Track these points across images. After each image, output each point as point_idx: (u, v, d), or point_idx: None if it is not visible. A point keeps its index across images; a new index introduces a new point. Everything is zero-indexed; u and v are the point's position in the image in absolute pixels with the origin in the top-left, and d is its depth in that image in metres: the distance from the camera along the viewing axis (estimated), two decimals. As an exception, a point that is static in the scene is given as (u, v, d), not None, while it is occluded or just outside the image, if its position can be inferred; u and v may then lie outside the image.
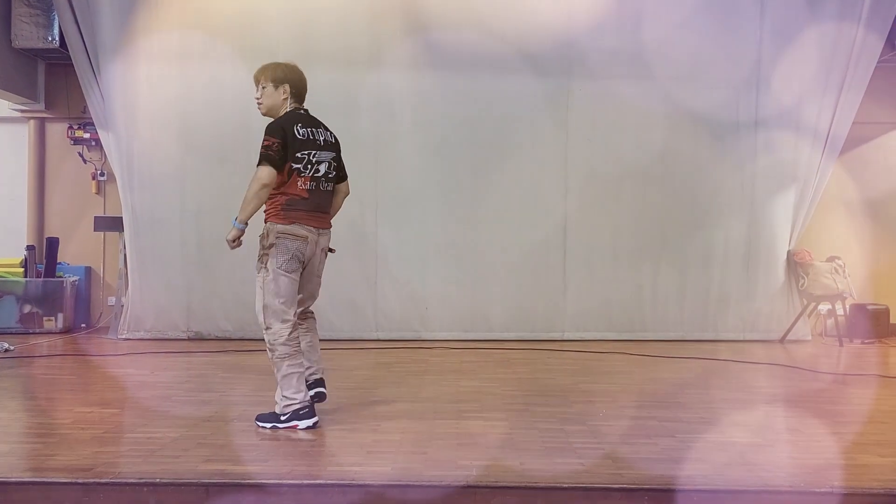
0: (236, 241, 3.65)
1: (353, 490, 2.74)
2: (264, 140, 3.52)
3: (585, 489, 2.72)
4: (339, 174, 3.80)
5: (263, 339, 3.58)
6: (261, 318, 3.57)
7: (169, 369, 5.15)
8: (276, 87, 3.64)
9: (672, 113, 6.52)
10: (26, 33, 6.42)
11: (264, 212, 3.65)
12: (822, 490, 2.69)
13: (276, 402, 3.54)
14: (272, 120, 3.62)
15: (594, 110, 6.54)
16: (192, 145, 6.50)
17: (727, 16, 6.46)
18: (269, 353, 3.53)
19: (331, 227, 3.80)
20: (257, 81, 3.68)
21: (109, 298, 7.04)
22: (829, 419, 3.77)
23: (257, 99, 3.69)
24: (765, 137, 6.54)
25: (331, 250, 3.84)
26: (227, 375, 4.93)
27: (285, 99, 3.66)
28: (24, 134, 7.13)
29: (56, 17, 6.38)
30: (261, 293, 3.59)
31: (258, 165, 3.51)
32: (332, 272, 6.52)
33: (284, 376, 3.50)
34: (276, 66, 3.67)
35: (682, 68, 6.47)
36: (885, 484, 2.76)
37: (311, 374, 3.76)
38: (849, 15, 6.37)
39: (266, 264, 3.60)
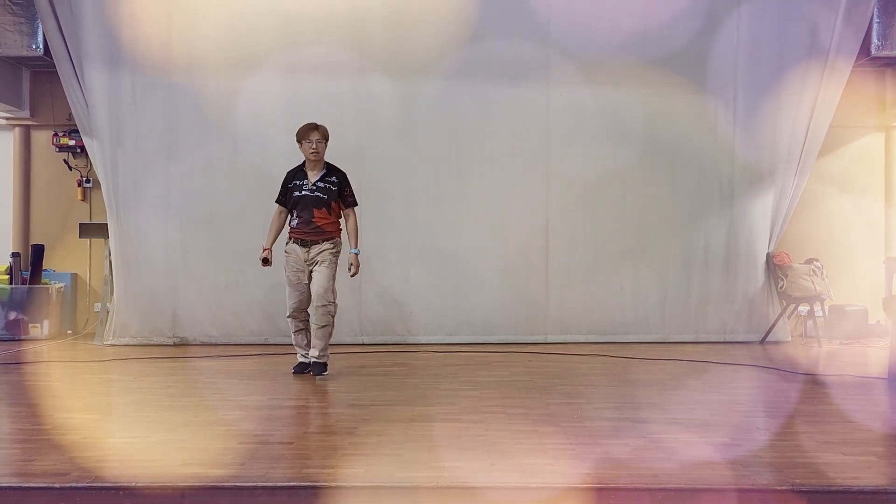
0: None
1: (325, 492, 2.79)
2: (351, 187, 5.11)
3: (552, 489, 2.77)
4: None
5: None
6: (329, 296, 4.88)
7: (152, 375, 5.19)
8: (326, 143, 5.01)
9: (651, 118, 6.61)
10: (10, 41, 6.46)
11: (329, 231, 5.01)
12: (783, 488, 2.76)
13: (325, 356, 4.96)
14: (339, 169, 5.09)
15: (574, 116, 6.62)
16: (177, 152, 6.55)
17: (704, 22, 6.54)
18: (330, 319, 4.90)
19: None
20: (324, 137, 4.99)
21: (95, 305, 7.07)
22: (799, 419, 3.85)
23: (316, 150, 4.95)
24: (743, 141, 6.63)
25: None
26: (210, 380, 4.97)
27: None
28: (8, 141, 7.16)
29: (40, 25, 6.42)
30: (329, 279, 4.91)
31: (355, 207, 5.13)
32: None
33: (331, 336, 4.97)
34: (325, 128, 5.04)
35: (661, 73, 6.55)
36: (846, 481, 2.83)
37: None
38: (824, 20, 6.47)
39: (334, 261, 4.98)
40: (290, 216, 5.05)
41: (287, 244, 5.02)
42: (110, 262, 6.59)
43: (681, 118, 6.62)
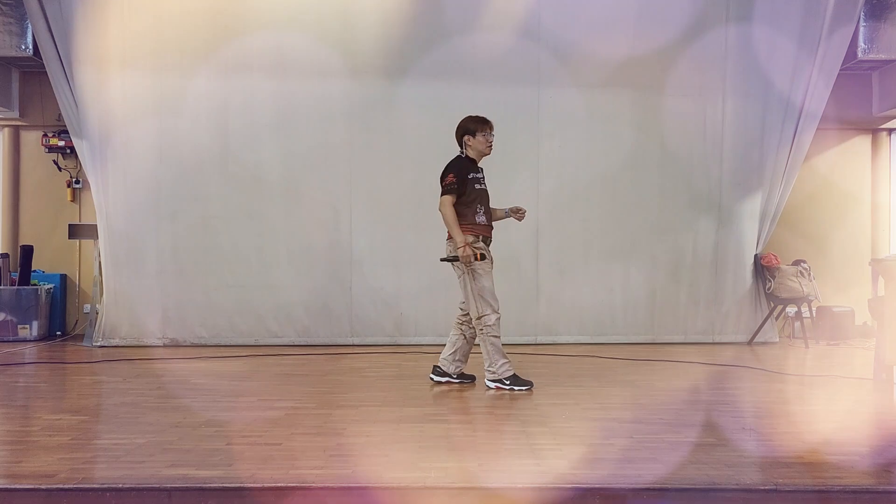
0: None
1: (312, 493, 2.80)
2: None
3: (539, 489, 2.79)
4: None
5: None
6: None
7: (142, 376, 5.18)
8: None
9: (640, 120, 6.66)
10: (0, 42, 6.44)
11: None
12: (766, 488, 2.79)
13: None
14: None
15: (564, 117, 6.66)
16: (167, 153, 6.55)
17: (694, 24, 6.58)
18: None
19: (448, 236, 4.66)
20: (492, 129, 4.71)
21: (85, 306, 7.06)
22: (784, 419, 3.89)
23: (491, 144, 4.78)
24: (731, 143, 6.69)
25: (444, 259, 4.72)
26: (199, 381, 4.97)
27: None
28: (-2, 142, 7.16)
29: (29, 25, 6.41)
30: None
31: None
32: (307, 277, 6.65)
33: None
34: None
35: (650, 76, 6.60)
36: (829, 481, 2.86)
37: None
38: (812, 23, 6.52)
39: None
40: (474, 211, 4.60)
41: (474, 242, 4.56)
42: (100, 263, 6.58)
43: (670, 120, 6.66)
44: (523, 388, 4.54)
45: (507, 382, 4.55)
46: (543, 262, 6.72)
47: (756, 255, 6.76)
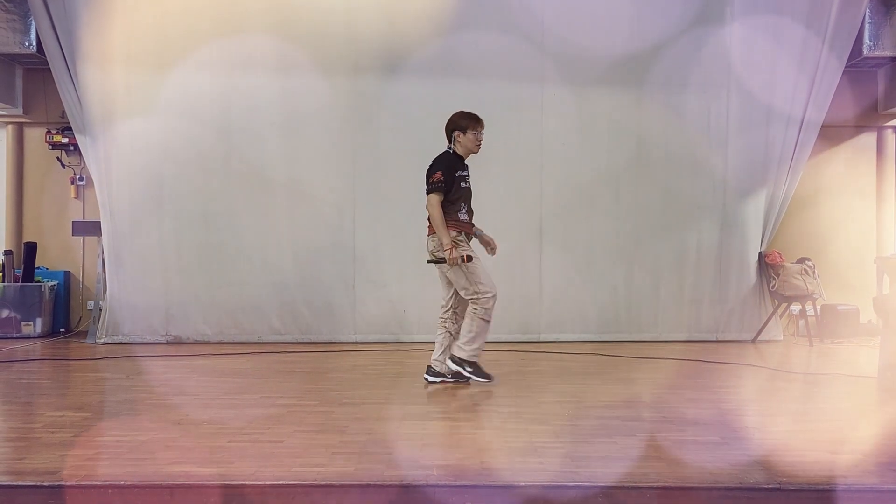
0: None
1: (315, 490, 2.80)
2: None
3: (542, 487, 2.79)
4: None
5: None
6: None
7: (145, 373, 5.18)
8: None
9: (644, 118, 6.63)
10: (3, 38, 6.44)
11: None
12: (770, 486, 2.78)
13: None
14: None
15: (568, 115, 6.63)
16: (170, 150, 6.54)
17: (698, 22, 6.55)
18: None
19: (429, 232, 4.64)
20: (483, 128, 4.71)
21: (88, 303, 7.07)
22: (788, 417, 3.87)
23: (480, 143, 4.76)
24: (735, 141, 6.65)
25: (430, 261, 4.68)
26: (202, 379, 4.97)
27: None
28: (1, 139, 7.16)
29: (33, 22, 6.40)
30: None
31: None
32: (311, 275, 6.65)
33: None
34: None
35: (654, 73, 6.57)
36: (832, 480, 2.84)
37: None
38: (816, 20, 6.49)
39: None
40: (457, 209, 4.60)
41: (456, 237, 4.55)
42: (103, 260, 6.59)
43: (674, 118, 6.63)
44: (483, 379, 4.59)
45: (469, 369, 4.58)
46: (547, 260, 6.70)
47: (760, 253, 6.73)
